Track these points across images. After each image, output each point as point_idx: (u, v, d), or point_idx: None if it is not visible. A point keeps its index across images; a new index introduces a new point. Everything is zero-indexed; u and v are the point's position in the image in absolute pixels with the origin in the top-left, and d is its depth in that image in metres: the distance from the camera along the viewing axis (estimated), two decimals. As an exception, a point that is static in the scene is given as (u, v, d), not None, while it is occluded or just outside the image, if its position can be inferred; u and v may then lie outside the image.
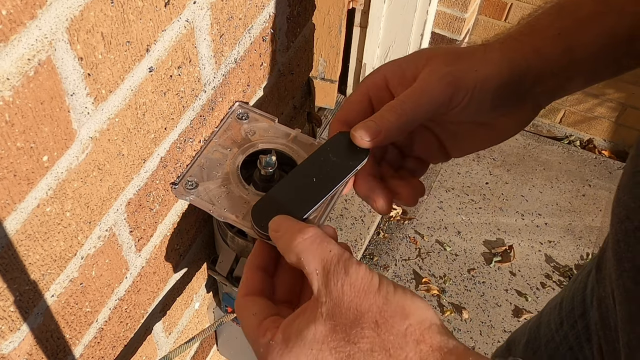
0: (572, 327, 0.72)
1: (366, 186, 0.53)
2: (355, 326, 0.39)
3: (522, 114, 0.54)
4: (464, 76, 0.50)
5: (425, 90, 0.50)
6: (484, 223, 2.16)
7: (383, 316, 0.39)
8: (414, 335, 0.38)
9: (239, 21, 0.57)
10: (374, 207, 0.53)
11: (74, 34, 0.37)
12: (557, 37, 0.50)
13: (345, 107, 0.55)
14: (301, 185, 0.50)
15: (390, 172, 0.56)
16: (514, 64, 0.50)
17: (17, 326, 0.43)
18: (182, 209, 0.61)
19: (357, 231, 2.07)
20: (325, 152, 0.52)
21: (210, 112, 0.59)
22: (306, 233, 0.42)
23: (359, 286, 0.39)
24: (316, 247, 0.42)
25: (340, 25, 1.99)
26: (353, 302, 0.39)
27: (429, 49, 0.54)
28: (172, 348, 0.74)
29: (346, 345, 0.38)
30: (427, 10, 2.12)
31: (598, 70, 0.53)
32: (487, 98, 0.50)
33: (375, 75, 0.54)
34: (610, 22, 0.50)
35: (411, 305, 0.39)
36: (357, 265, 0.40)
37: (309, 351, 0.39)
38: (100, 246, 0.50)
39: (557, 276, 2.05)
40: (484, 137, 0.55)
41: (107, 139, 0.45)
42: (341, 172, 0.51)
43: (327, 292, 0.40)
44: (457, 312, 1.96)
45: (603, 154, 2.41)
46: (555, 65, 0.51)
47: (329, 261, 0.41)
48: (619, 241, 0.46)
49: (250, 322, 0.43)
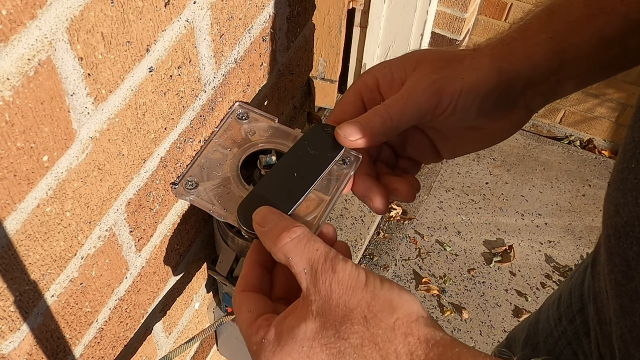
0: (571, 322, 0.72)
1: (363, 186, 0.54)
2: (345, 322, 0.39)
3: (513, 118, 0.54)
4: (449, 84, 0.50)
5: (411, 98, 0.51)
6: (484, 223, 2.16)
7: (371, 311, 0.39)
8: (402, 329, 0.39)
9: (239, 21, 0.57)
10: (370, 206, 0.53)
11: (74, 34, 0.37)
12: (548, 41, 0.51)
13: (338, 109, 0.56)
14: (284, 180, 0.51)
15: (385, 170, 0.57)
16: (502, 71, 0.51)
17: (17, 326, 0.43)
18: (182, 209, 0.61)
19: (357, 231, 2.07)
20: (303, 147, 0.53)
21: (210, 112, 0.59)
22: (293, 233, 0.43)
23: (347, 283, 0.40)
24: (303, 247, 0.42)
25: (340, 25, 1.99)
26: (342, 299, 0.40)
27: (419, 52, 0.54)
28: (172, 348, 0.74)
29: (337, 341, 0.39)
30: (427, 10, 2.12)
31: (590, 72, 0.53)
32: (473, 105, 0.51)
33: (367, 77, 0.55)
34: (602, 24, 0.50)
35: (398, 299, 0.40)
36: (344, 262, 0.41)
37: (301, 348, 0.40)
38: (100, 246, 0.50)
39: (557, 276, 2.05)
40: (474, 140, 0.56)
41: (107, 139, 0.45)
42: (321, 165, 0.52)
43: (316, 290, 0.41)
44: (457, 312, 1.96)
45: (603, 154, 2.41)
46: (546, 70, 0.51)
47: (316, 260, 0.41)
48: (609, 236, 0.47)
49: (244, 318, 0.44)
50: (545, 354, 0.78)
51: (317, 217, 0.52)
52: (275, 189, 0.50)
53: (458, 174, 2.30)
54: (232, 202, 0.55)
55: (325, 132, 0.53)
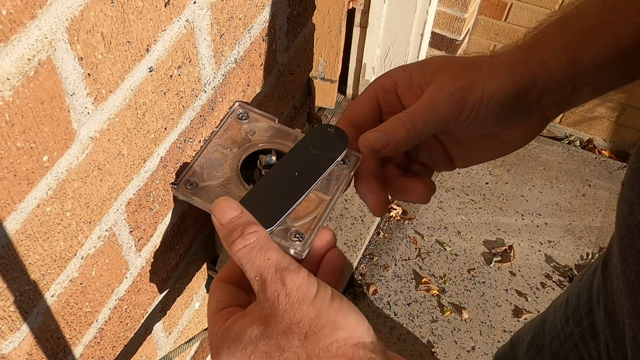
0: (578, 325, 0.72)
1: (365, 185, 0.54)
2: (287, 335, 0.40)
3: (528, 126, 0.54)
4: (471, 92, 0.50)
5: (434, 107, 0.51)
6: (484, 223, 2.16)
7: (312, 329, 0.40)
8: (338, 350, 0.39)
9: (239, 21, 0.57)
10: (369, 205, 0.53)
11: (74, 34, 0.37)
12: (563, 50, 0.50)
13: (353, 108, 0.56)
14: (284, 180, 0.51)
15: (397, 172, 0.57)
16: (519, 78, 0.50)
17: (17, 326, 0.43)
18: (182, 209, 0.61)
19: (357, 231, 2.07)
20: (305, 146, 0.53)
21: (210, 112, 0.59)
22: (247, 240, 0.43)
23: (294, 297, 0.40)
24: (255, 255, 0.42)
25: (340, 25, 1.99)
26: (287, 312, 0.40)
27: (438, 59, 0.54)
28: (172, 348, 0.74)
29: (276, 351, 0.40)
30: (427, 10, 2.12)
31: (605, 80, 0.52)
32: (493, 112, 0.51)
33: (385, 79, 0.55)
34: (616, 32, 0.50)
35: (342, 320, 0.40)
36: (295, 274, 0.41)
37: (244, 350, 0.40)
38: (100, 246, 0.50)
39: (557, 276, 2.05)
40: (490, 149, 0.56)
41: (107, 139, 0.45)
42: (322, 165, 0.52)
43: (265, 299, 0.41)
44: (457, 312, 1.96)
45: (603, 154, 2.41)
46: (562, 78, 0.51)
47: (266, 270, 0.41)
48: (623, 237, 0.47)
49: (211, 307, 0.45)
50: (550, 357, 0.78)
51: (317, 217, 0.52)
52: (275, 188, 0.50)
53: (458, 173, 2.30)
54: (232, 202, 0.55)
55: (328, 132, 0.53)
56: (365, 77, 2.34)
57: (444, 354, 1.87)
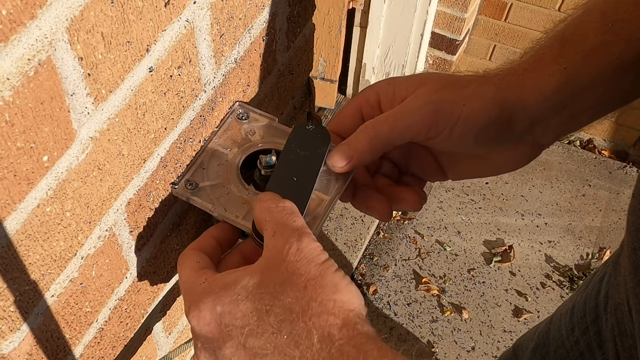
0: (584, 333, 0.71)
1: (364, 196, 0.54)
2: (285, 285, 0.40)
3: (519, 153, 0.52)
4: (448, 107, 0.49)
5: (404, 115, 0.50)
6: (484, 223, 2.17)
7: (313, 284, 0.40)
8: (334, 309, 0.39)
9: (239, 21, 0.57)
10: (375, 215, 0.53)
11: (74, 34, 0.37)
12: (562, 72, 0.48)
13: (336, 120, 0.56)
14: (286, 186, 0.50)
15: (387, 182, 0.56)
16: (507, 104, 0.49)
17: (17, 326, 0.43)
18: (182, 209, 0.61)
19: (357, 231, 2.07)
20: (292, 150, 0.53)
21: (210, 112, 0.59)
22: (283, 202, 0.45)
23: (304, 253, 0.41)
24: (283, 215, 0.44)
25: (340, 25, 1.99)
26: (292, 265, 0.41)
27: (426, 74, 0.53)
28: (172, 348, 0.74)
29: (270, 298, 0.40)
30: (427, 10, 2.12)
31: (606, 102, 0.51)
32: (471, 134, 0.49)
33: (369, 91, 0.55)
34: (619, 51, 0.48)
35: (344, 288, 0.40)
36: (313, 240, 0.42)
37: (235, 295, 0.40)
38: (100, 246, 0.50)
39: (557, 276, 2.05)
40: (479, 168, 0.55)
41: (107, 139, 0.45)
42: (316, 162, 0.52)
43: (273, 248, 0.42)
44: (457, 312, 1.96)
45: (603, 154, 2.41)
46: (558, 103, 0.49)
47: (288, 227, 0.43)
48: (636, 249, 0.46)
49: (191, 266, 0.46)
50: None
51: (317, 217, 0.52)
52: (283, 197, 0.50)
53: (458, 174, 2.30)
54: (232, 202, 0.55)
55: (308, 131, 0.53)
56: (365, 77, 2.34)
57: (444, 354, 1.87)
